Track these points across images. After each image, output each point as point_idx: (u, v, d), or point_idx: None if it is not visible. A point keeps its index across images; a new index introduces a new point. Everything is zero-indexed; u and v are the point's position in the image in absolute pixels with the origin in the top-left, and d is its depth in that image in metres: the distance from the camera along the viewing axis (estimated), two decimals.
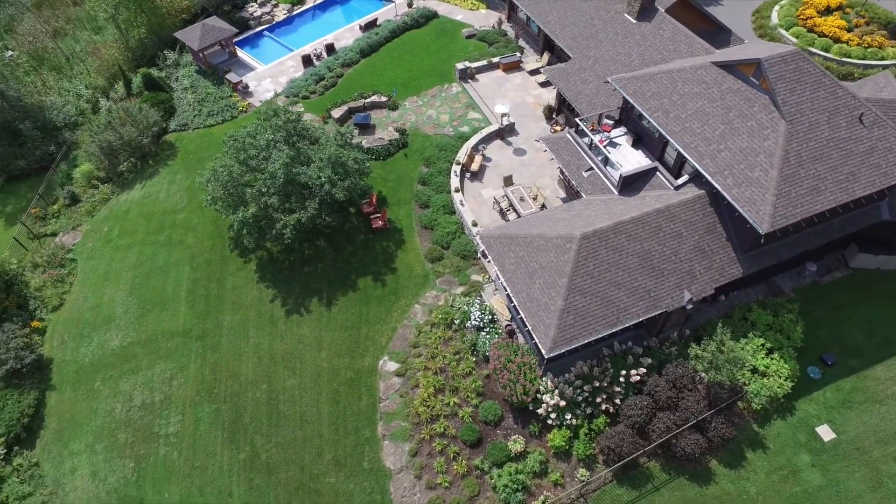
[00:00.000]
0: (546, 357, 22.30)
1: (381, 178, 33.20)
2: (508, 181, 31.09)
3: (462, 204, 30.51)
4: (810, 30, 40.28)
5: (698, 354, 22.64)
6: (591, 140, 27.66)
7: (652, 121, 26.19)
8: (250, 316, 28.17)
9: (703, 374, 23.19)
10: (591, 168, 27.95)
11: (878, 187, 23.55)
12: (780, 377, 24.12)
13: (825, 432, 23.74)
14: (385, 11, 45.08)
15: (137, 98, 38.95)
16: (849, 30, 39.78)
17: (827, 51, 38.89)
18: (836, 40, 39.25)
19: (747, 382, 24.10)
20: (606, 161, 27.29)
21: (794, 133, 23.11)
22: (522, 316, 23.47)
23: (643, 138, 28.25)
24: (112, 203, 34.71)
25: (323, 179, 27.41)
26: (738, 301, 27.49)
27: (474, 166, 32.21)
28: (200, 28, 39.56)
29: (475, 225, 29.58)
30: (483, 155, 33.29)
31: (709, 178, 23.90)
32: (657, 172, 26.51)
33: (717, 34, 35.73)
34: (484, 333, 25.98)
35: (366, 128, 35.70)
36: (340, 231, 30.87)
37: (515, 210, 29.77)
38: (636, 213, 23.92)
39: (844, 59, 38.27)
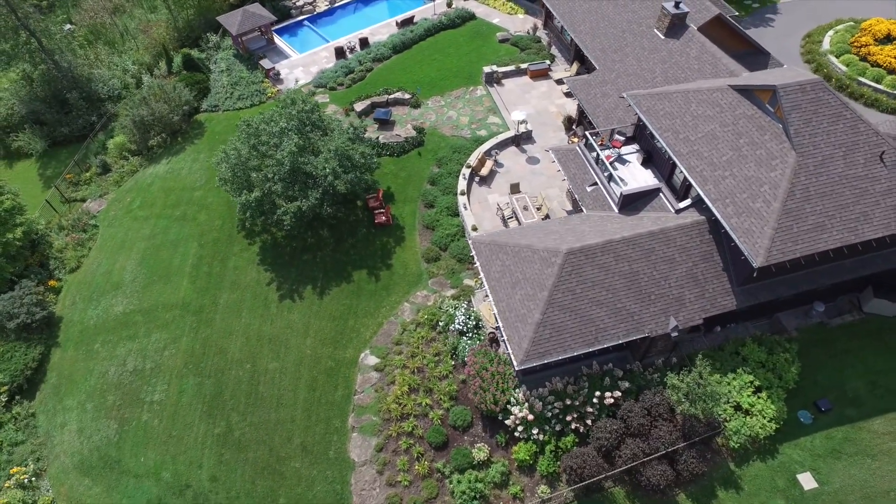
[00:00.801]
0: (517, 368, 22.10)
1: (393, 175, 33.56)
2: (515, 189, 30.87)
3: (465, 207, 30.51)
4: (863, 58, 38.10)
5: (675, 385, 21.92)
6: (598, 155, 27.13)
7: (661, 140, 25.47)
8: (246, 297, 29.06)
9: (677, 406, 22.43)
10: (596, 183, 27.43)
11: (891, 231, 22.17)
12: (763, 418, 23.08)
13: (807, 480, 22.58)
14: (424, 10, 45.41)
15: (176, 77, 40.71)
16: None
17: (878, 82, 36.73)
18: (892, 71, 36.98)
19: (728, 419, 23.20)
20: (611, 177, 26.71)
21: (804, 166, 22.02)
22: (500, 325, 23.33)
23: (654, 158, 27.51)
24: (138, 175, 36.42)
25: (327, 171, 27.95)
26: (734, 334, 26.47)
27: (484, 171, 32.12)
28: (241, 14, 40.94)
29: (474, 229, 29.53)
30: (496, 160, 33.15)
31: (709, 204, 23.08)
32: (660, 194, 25.76)
33: (755, 56, 34.30)
34: (466, 338, 25.96)
35: (386, 123, 36.12)
36: (345, 222, 31.42)
37: (518, 218, 29.54)
38: (628, 232, 23.36)
39: None
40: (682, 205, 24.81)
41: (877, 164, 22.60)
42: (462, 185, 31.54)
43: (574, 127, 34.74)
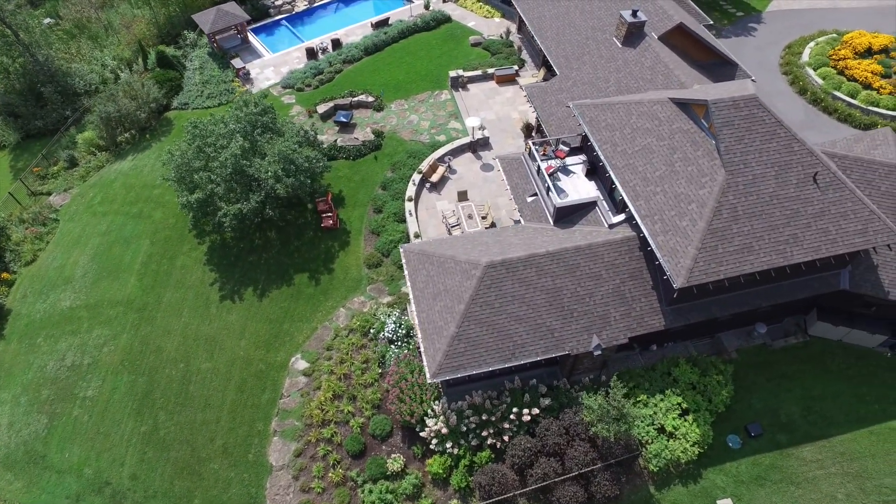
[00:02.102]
0: (429, 381, 21.86)
1: (346, 178, 33.49)
2: (463, 196, 30.58)
3: (411, 214, 30.30)
4: (841, 72, 36.93)
5: (589, 405, 21.48)
6: (539, 165, 26.67)
7: (599, 152, 24.98)
8: (189, 296, 29.26)
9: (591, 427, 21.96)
10: (536, 194, 27.01)
11: (821, 255, 21.44)
12: (687, 441, 22.52)
13: None
14: (401, 11, 45.21)
15: (151, 73, 41.14)
16: (886, 76, 36.16)
17: (853, 97, 35.57)
18: (867, 86, 35.79)
19: (651, 441, 22.69)
20: (549, 189, 26.25)
21: (734, 184, 21.37)
22: (419, 336, 23.11)
23: (598, 170, 26.99)
24: (104, 171, 36.89)
25: (269, 174, 27.98)
26: (672, 353, 25.90)
27: (435, 177, 31.87)
28: (214, 13, 41.23)
29: (417, 237, 29.32)
30: (449, 166, 32.87)
31: (638, 220, 22.55)
32: (596, 207, 25.26)
33: (721, 67, 33.44)
34: (394, 347, 25.80)
35: (346, 126, 36.04)
36: (293, 225, 31.47)
37: (462, 227, 29.25)
38: (553, 247, 22.93)
39: (871, 108, 34.87)
40: (616, 220, 24.29)
41: (809, 185, 21.86)
42: (411, 190, 31.32)
43: (533, 134, 34.27)
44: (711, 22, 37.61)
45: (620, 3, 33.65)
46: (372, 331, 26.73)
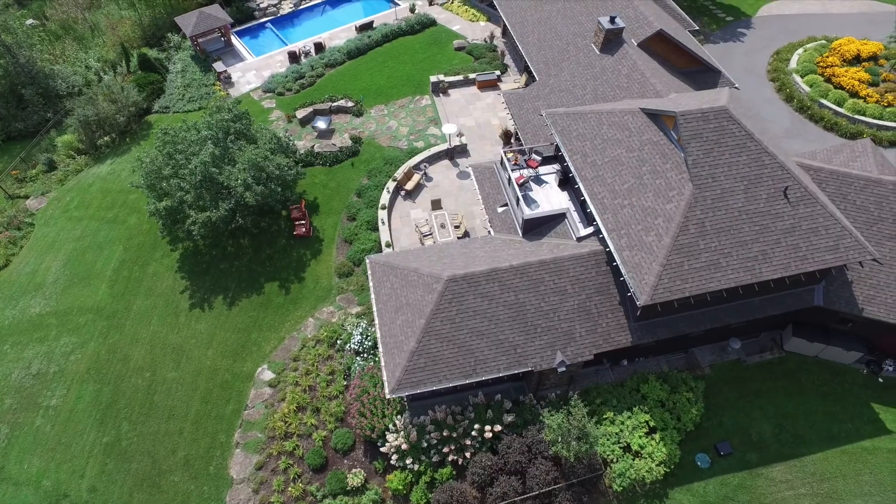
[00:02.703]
0: (388, 396, 21.48)
1: (322, 185, 33.12)
2: (436, 205, 30.16)
3: (383, 222, 29.91)
4: (828, 79, 36.26)
5: (550, 424, 21.03)
6: (509, 175, 26.20)
7: (569, 163, 24.51)
8: (158, 304, 28.97)
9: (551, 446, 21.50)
10: (506, 204, 26.56)
11: (791, 272, 20.91)
12: (652, 461, 22.06)
13: None
14: (386, 14, 44.78)
15: (133, 76, 40.89)
16: (873, 84, 35.48)
17: (839, 105, 34.92)
18: (854, 94, 35.12)
19: (616, 459, 22.23)
20: (520, 200, 25.78)
21: (701, 199, 20.86)
22: (380, 350, 22.72)
23: (571, 179, 26.49)
24: (82, 175, 36.66)
25: (238, 182, 27.64)
26: (643, 368, 25.44)
27: (410, 185, 31.45)
28: (196, 15, 40.92)
29: (388, 246, 28.94)
30: (425, 174, 32.45)
31: (605, 234, 22.09)
32: (566, 219, 24.77)
33: (704, 74, 32.86)
34: (360, 359, 25.43)
35: (325, 132, 35.65)
36: (266, 232, 31.13)
37: (434, 236, 28.84)
38: (517, 261, 22.49)
39: (857, 117, 34.22)
40: (584, 232, 23.82)
41: (780, 200, 21.32)
42: (385, 198, 30.92)
43: (512, 141, 33.81)
44: (697, 27, 37.03)
45: (604, 9, 33.14)
46: (339, 342, 26.38)
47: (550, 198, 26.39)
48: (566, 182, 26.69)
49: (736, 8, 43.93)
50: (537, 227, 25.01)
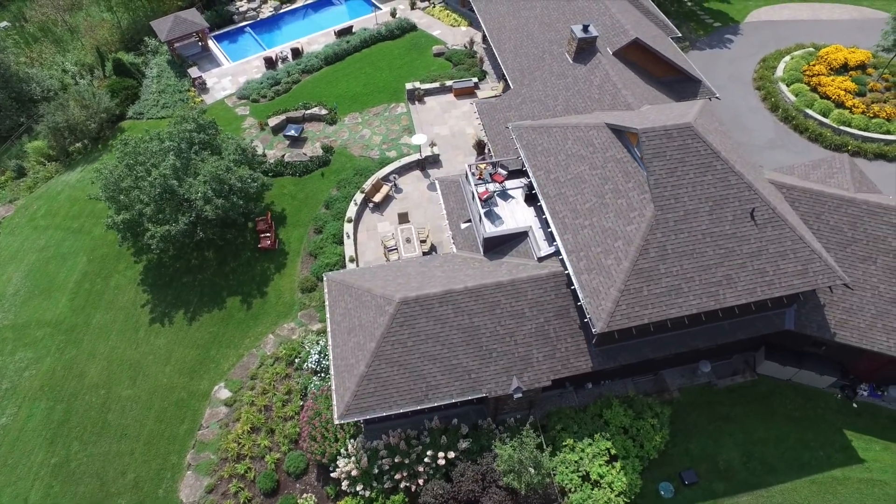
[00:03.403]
0: (336, 422, 20.75)
1: (290, 196, 32.42)
2: (403, 218, 29.40)
3: (348, 236, 29.18)
4: (814, 88, 35.23)
5: (501, 455, 20.24)
6: (473, 190, 25.39)
7: (533, 179, 23.69)
8: (118, 318, 28.37)
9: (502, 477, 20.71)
10: (469, 221, 25.76)
11: (756, 298, 20.01)
12: (612, 491, 21.25)
13: None
14: (367, 19, 43.99)
15: (108, 81, 40.30)
16: (860, 94, 34.43)
17: (825, 115, 33.91)
18: (840, 104, 34.09)
19: (573, 489, 21.43)
20: (482, 216, 24.98)
21: (663, 221, 19.99)
22: (332, 373, 22.00)
23: (537, 196, 25.65)
24: (52, 182, 36.12)
25: (198, 195, 26.96)
26: (609, 390, 24.63)
27: (378, 197, 30.69)
28: (172, 20, 40.26)
29: (352, 261, 28.21)
30: (395, 185, 31.68)
31: (564, 255, 21.27)
32: (527, 238, 23.94)
33: (683, 84, 31.94)
34: (317, 379, 24.74)
35: (297, 140, 34.95)
36: (232, 244, 30.47)
37: (399, 251, 28.08)
38: (473, 282, 21.70)
39: (842, 128, 33.20)
40: (544, 253, 22.99)
41: (746, 222, 20.42)
42: (352, 211, 30.18)
43: (485, 152, 32.99)
44: (680, 35, 36.06)
45: (581, 16, 32.25)
46: (297, 360, 25.69)
47: (516, 214, 25.58)
48: (533, 197, 25.88)
49: (724, 13, 42.90)
50: (499, 246, 24.20)
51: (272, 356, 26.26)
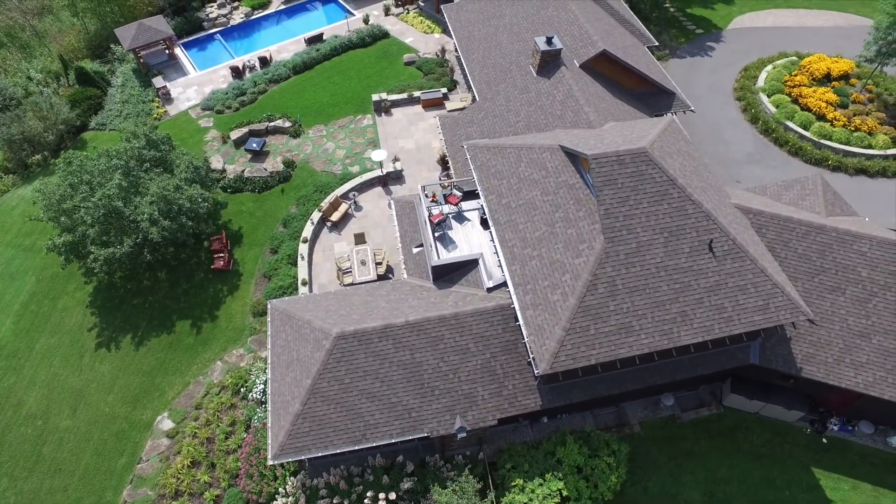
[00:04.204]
0: (269, 462, 19.70)
1: (248, 213, 31.30)
2: (360, 239, 28.25)
3: (302, 257, 28.06)
4: (795, 100, 33.87)
5: (438, 500, 19.15)
6: (427, 212, 24.23)
7: (485, 204, 22.52)
8: (64, 342, 27.35)
9: None
10: (421, 245, 24.59)
11: (713, 335, 18.80)
12: None
13: None
14: (339, 26, 42.77)
15: (71, 89, 39.26)
16: (842, 106, 33.05)
17: (805, 128, 32.58)
18: (821, 117, 32.73)
19: None
20: (435, 241, 23.82)
21: (613, 254, 18.79)
22: (269, 409, 20.92)
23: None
24: (7, 196, 35.07)
25: (144, 216, 25.89)
26: (567, 424, 23.50)
27: (336, 216, 29.55)
28: (136, 27, 39.13)
29: (304, 284, 27.11)
30: (355, 202, 30.53)
31: (510, 288, 20.12)
32: (479, 266, 22.73)
33: (657, 96, 30.72)
34: (261, 410, 23.68)
35: (258, 154, 33.80)
36: (185, 265, 29.41)
37: (353, 275, 26.96)
38: (414, 316, 20.55)
39: (823, 142, 31.88)
40: (493, 283, 21.81)
41: (704, 255, 19.20)
42: (308, 230, 29.06)
43: (448, 168, 31.77)
44: (657, 43, 34.79)
45: (550, 26, 30.99)
46: (243, 389, 24.64)
47: (471, 238, 24.44)
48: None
49: (707, 20, 41.50)
50: (449, 274, 23.04)
51: (218, 384, 25.22)
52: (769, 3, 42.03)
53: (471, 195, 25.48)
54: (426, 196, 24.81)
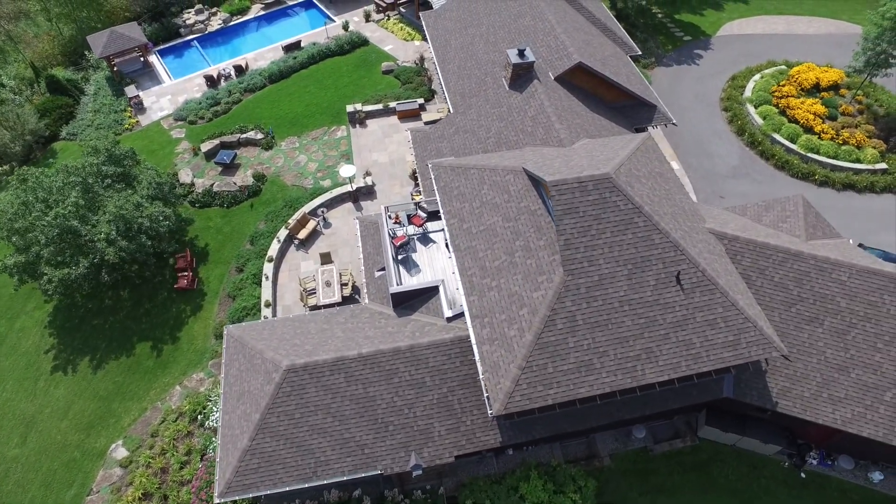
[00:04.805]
0: (216, 501, 18.84)
1: (216, 229, 30.40)
2: (326, 259, 27.32)
3: (266, 277, 27.17)
4: (783, 111, 32.73)
5: None
6: (389, 235, 23.27)
7: (446, 228, 21.54)
8: (18, 365, 26.55)
9: None
10: (384, 269, 23.64)
11: (680, 373, 17.81)
12: None
13: None
14: (318, 32, 41.73)
15: (41, 98, 38.41)
16: (831, 118, 31.91)
17: (793, 141, 31.47)
18: (809, 129, 31.59)
19: None
20: (395, 265, 22.87)
21: (573, 287, 17.80)
22: (219, 442, 20.07)
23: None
24: None
25: (101, 236, 25.02)
26: (533, 456, 22.58)
27: (303, 233, 28.62)
28: (108, 35, 38.20)
29: (268, 306, 26.22)
30: (324, 218, 29.59)
31: (468, 319, 19.15)
32: (440, 293, 21.76)
33: (637, 109, 29.61)
34: (217, 439, 22.77)
35: (229, 167, 32.88)
36: (149, 283, 28.55)
37: (317, 296, 26.04)
38: (368, 348, 19.63)
39: (810, 155, 30.78)
40: (453, 312, 20.86)
41: (672, 287, 18.21)
42: (274, 248, 28.16)
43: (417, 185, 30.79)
44: (640, 52, 33.66)
45: (526, 36, 29.94)
46: (200, 416, 23.79)
47: (435, 262, 23.50)
48: None
49: (696, 26, 40.32)
50: (409, 301, 22.09)
51: (176, 411, 24.37)
52: (759, 10, 40.82)
53: (436, 215, 24.52)
54: (389, 217, 23.85)
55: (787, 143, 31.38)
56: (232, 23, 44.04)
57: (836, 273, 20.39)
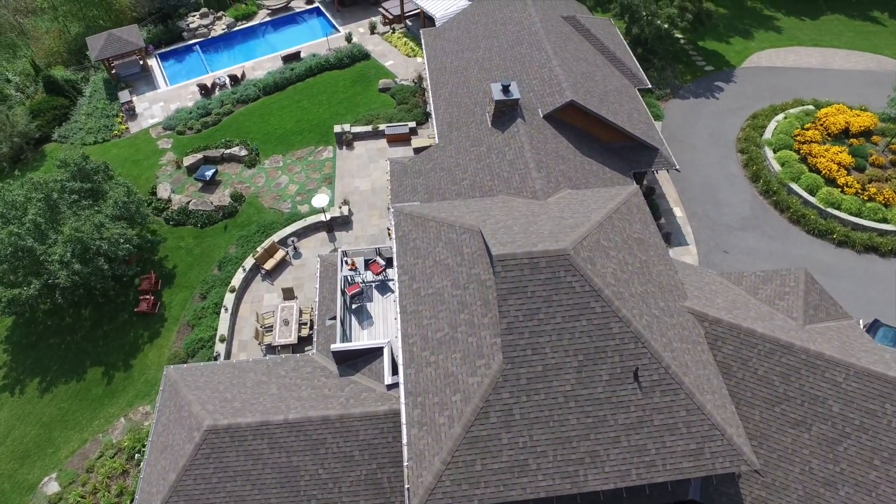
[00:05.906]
0: None
1: (186, 250, 29.35)
2: (289, 294, 25.91)
3: (226, 309, 25.95)
4: (804, 158, 29.63)
5: None
6: (343, 283, 21.66)
7: (397, 285, 19.80)
8: None
9: None
10: (335, 317, 22.04)
11: (629, 482, 15.72)
12: None
13: None
14: (320, 43, 40.24)
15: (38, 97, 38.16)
16: (859, 168, 28.72)
17: (812, 193, 28.41)
18: (831, 181, 28.48)
19: None
20: (353, 313, 21.29)
21: (513, 377, 15.87)
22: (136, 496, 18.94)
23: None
24: None
25: (55, 258, 24.20)
26: None
27: (269, 263, 27.28)
28: (105, 37, 37.58)
29: (223, 340, 25.01)
30: (294, 248, 28.18)
31: (402, 395, 17.40)
32: (383, 356, 20.06)
33: (637, 152, 27.24)
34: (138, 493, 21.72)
35: (209, 184, 31.79)
36: (113, 303, 27.73)
37: (273, 336, 24.69)
38: (295, 414, 18.13)
39: (830, 210, 27.73)
40: (392, 381, 19.14)
41: (628, 384, 16.08)
42: (238, 278, 26.92)
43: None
44: (650, 86, 31.08)
45: (521, 65, 27.85)
46: (137, 455, 22.80)
47: (389, 315, 21.84)
48: None
49: (720, 55, 37.18)
50: (352, 360, 20.46)
51: (115, 446, 23.44)
52: (792, 40, 37.38)
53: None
54: (345, 263, 22.25)
55: (805, 194, 28.36)
56: (236, 28, 42.92)
57: (830, 372, 17.84)
